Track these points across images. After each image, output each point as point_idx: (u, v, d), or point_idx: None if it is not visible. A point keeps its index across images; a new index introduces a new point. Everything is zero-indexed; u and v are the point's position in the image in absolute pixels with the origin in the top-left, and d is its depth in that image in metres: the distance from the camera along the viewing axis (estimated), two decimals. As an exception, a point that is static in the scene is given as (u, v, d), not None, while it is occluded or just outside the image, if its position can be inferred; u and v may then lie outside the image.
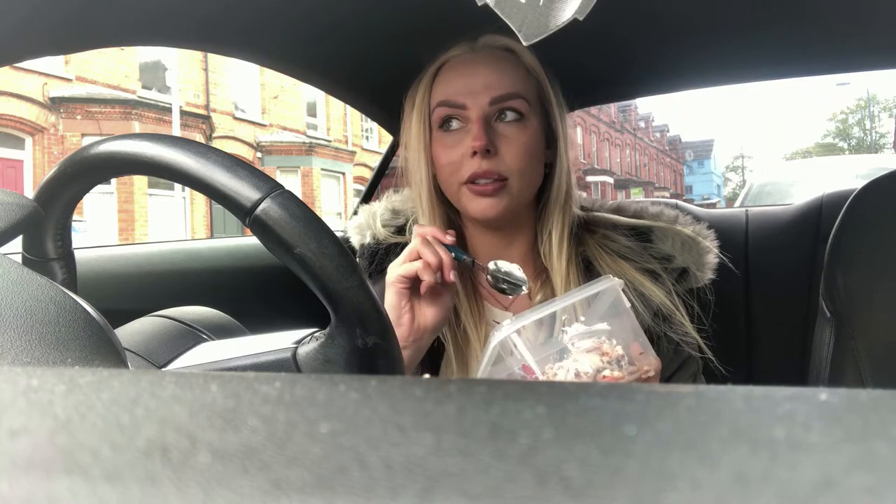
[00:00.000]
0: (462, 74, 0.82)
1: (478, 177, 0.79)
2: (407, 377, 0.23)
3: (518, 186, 0.81)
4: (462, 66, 0.83)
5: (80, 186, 0.50)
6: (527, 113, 0.81)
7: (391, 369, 0.47)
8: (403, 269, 0.73)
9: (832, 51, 1.09)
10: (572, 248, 0.84)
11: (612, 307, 0.63)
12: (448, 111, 0.81)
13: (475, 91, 0.80)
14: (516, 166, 0.79)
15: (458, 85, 0.81)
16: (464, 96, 0.80)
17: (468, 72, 0.82)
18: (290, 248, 0.43)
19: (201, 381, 0.20)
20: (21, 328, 0.32)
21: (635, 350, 0.62)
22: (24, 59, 0.74)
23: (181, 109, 12.01)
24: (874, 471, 0.12)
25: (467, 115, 0.80)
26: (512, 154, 0.79)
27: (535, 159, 0.82)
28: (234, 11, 0.87)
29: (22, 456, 0.14)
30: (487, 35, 0.83)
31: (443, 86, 0.83)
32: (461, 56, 0.83)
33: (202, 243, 1.54)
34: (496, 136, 0.79)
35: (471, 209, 0.81)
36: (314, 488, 0.13)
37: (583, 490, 0.12)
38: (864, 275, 0.84)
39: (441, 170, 0.83)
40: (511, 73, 0.81)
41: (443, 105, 0.82)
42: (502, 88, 0.79)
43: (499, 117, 0.80)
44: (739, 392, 0.18)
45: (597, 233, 0.86)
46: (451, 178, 0.81)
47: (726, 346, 0.92)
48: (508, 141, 0.79)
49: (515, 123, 0.80)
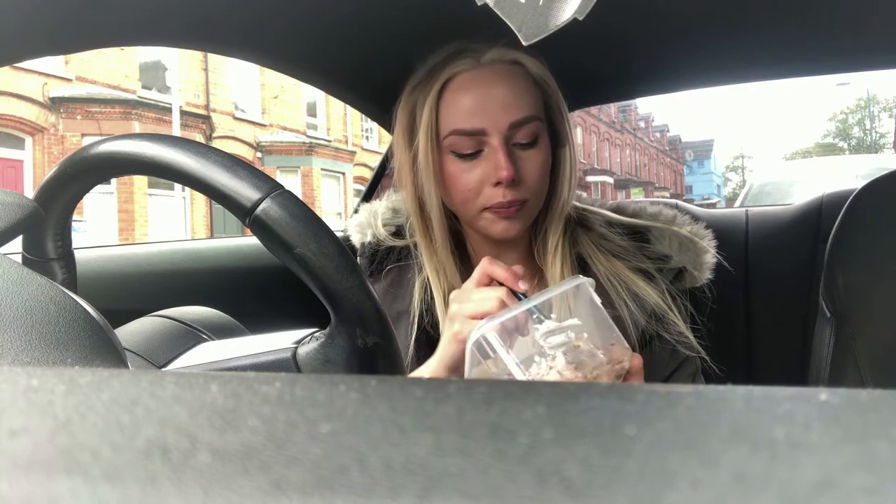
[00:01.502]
0: (475, 95, 0.77)
1: (502, 206, 0.77)
2: (407, 377, 0.23)
3: (535, 204, 0.81)
4: (473, 85, 0.78)
5: (80, 186, 0.50)
6: (540, 132, 0.79)
7: (391, 369, 0.47)
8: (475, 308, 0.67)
9: (832, 51, 1.09)
10: (567, 248, 0.84)
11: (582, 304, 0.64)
12: (467, 141, 0.77)
13: (492, 113, 0.76)
14: (535, 188, 0.79)
15: (472, 107, 0.77)
16: (481, 120, 0.76)
17: (481, 92, 0.77)
18: (290, 248, 0.43)
19: (201, 381, 0.20)
20: (21, 328, 0.32)
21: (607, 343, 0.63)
22: (24, 59, 0.74)
23: (181, 109, 12.01)
24: (874, 471, 0.12)
25: (486, 140, 0.77)
26: (532, 179, 0.78)
27: (548, 174, 0.82)
28: (234, 11, 0.87)
29: (22, 456, 0.14)
30: (494, 49, 0.79)
31: (454, 108, 0.78)
32: (469, 72, 0.78)
33: (202, 243, 1.54)
34: (517, 161, 0.77)
35: (492, 231, 0.80)
36: (314, 488, 0.13)
37: (583, 490, 0.12)
38: (864, 275, 0.84)
39: (456, 194, 0.80)
40: (525, 93, 0.78)
41: (459, 134, 0.78)
42: (520, 111, 0.77)
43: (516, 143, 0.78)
44: (739, 392, 0.18)
45: (592, 231, 0.86)
46: (469, 205, 0.79)
47: (726, 347, 0.92)
48: (527, 165, 0.78)
49: (532, 147, 0.79)
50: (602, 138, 34.58)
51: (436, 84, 0.79)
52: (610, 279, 0.81)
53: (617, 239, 0.85)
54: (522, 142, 0.78)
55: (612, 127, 36.54)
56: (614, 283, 0.81)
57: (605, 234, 0.85)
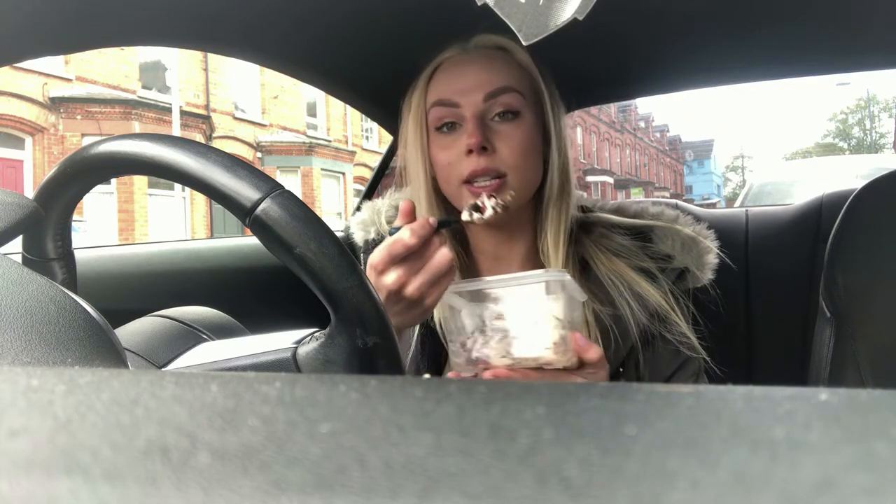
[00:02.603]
0: (455, 74, 0.82)
1: (476, 175, 0.78)
2: (407, 377, 0.23)
3: (517, 184, 0.80)
4: (455, 66, 0.83)
5: (80, 186, 0.50)
6: (521, 108, 0.81)
7: (391, 369, 0.47)
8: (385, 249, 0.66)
9: (832, 51, 1.09)
10: (569, 248, 0.84)
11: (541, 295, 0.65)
12: (443, 111, 0.81)
13: (468, 89, 0.80)
14: (513, 163, 0.79)
15: (452, 85, 0.81)
16: (457, 95, 0.80)
17: (461, 71, 0.82)
18: (290, 248, 0.43)
19: (201, 381, 0.20)
20: (21, 328, 0.32)
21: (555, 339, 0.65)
22: (24, 59, 0.74)
23: (181, 109, 12.01)
24: (874, 471, 0.12)
25: (461, 113, 0.80)
26: (509, 151, 0.79)
27: (533, 156, 0.82)
28: (233, 11, 0.87)
29: (22, 456, 0.14)
30: (480, 35, 0.83)
31: (437, 87, 0.83)
32: (454, 57, 0.84)
33: (202, 243, 1.54)
34: (492, 134, 0.79)
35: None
36: (314, 488, 0.13)
37: (583, 490, 0.12)
38: (864, 275, 0.84)
39: (440, 170, 0.83)
40: (503, 69, 0.81)
41: (437, 105, 0.82)
42: (494, 83, 0.79)
43: (494, 116, 0.80)
44: (739, 392, 0.18)
45: (594, 232, 0.86)
46: (451, 179, 0.81)
47: (726, 346, 0.92)
48: (504, 138, 0.79)
49: (511, 121, 0.80)
50: (602, 138, 34.58)
51: (427, 70, 0.85)
52: (612, 279, 0.81)
53: (619, 238, 0.85)
54: (499, 111, 0.80)
55: (612, 127, 36.55)
56: (616, 282, 0.81)
57: (607, 234, 0.86)
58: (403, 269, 0.64)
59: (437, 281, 0.65)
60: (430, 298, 0.66)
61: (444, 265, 0.65)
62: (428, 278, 0.64)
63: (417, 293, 0.64)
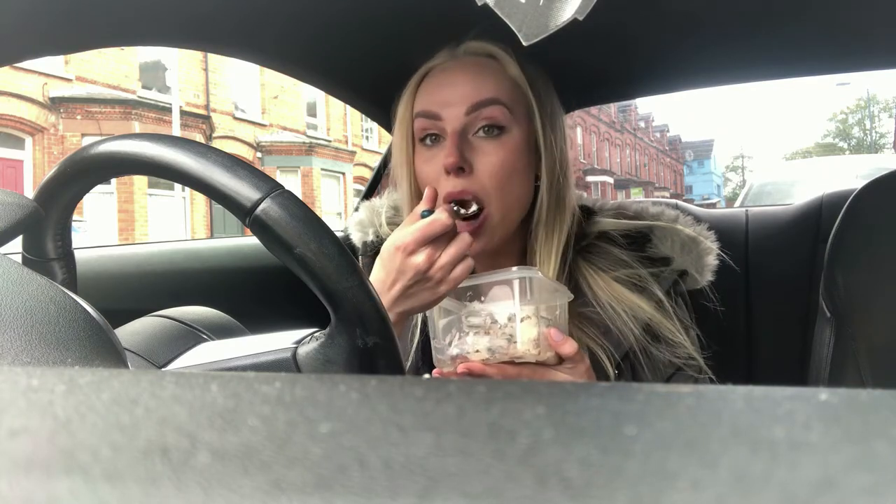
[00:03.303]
0: (440, 84, 0.79)
1: (452, 197, 0.75)
2: (407, 377, 0.23)
3: (499, 213, 0.76)
4: (442, 74, 0.80)
5: (80, 186, 0.50)
6: (507, 123, 0.76)
7: (391, 369, 0.47)
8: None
9: (832, 51, 1.09)
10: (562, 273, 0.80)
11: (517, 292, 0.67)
12: (426, 122, 0.78)
13: (451, 101, 0.76)
14: (493, 185, 0.75)
15: (436, 95, 0.78)
16: (440, 106, 0.77)
17: (446, 81, 0.78)
18: (290, 248, 0.43)
19: (201, 381, 0.20)
20: (21, 328, 0.32)
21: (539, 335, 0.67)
22: (24, 59, 0.74)
23: (181, 109, 12.01)
24: (874, 471, 0.12)
25: (444, 126, 0.77)
26: (488, 172, 0.75)
27: (517, 175, 0.78)
28: (232, 11, 0.87)
29: (22, 456, 0.14)
30: (470, 42, 0.80)
31: (422, 96, 0.80)
32: (443, 64, 0.81)
33: (202, 243, 1.54)
34: (472, 152, 0.75)
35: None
36: (314, 488, 0.13)
37: (583, 490, 0.12)
38: (864, 275, 0.84)
39: (423, 184, 0.80)
40: (490, 80, 0.77)
41: (421, 116, 0.78)
42: (479, 95, 0.75)
43: (477, 131, 0.76)
44: (739, 392, 0.18)
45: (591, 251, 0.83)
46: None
47: (726, 346, 0.92)
48: (486, 156, 0.75)
49: (495, 137, 0.76)
50: (602, 138, 34.58)
51: (416, 77, 0.82)
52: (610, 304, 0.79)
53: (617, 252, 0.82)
54: (483, 125, 0.76)
55: (612, 127, 36.54)
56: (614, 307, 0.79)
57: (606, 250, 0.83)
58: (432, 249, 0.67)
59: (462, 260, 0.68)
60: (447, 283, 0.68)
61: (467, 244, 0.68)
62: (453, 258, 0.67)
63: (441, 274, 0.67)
